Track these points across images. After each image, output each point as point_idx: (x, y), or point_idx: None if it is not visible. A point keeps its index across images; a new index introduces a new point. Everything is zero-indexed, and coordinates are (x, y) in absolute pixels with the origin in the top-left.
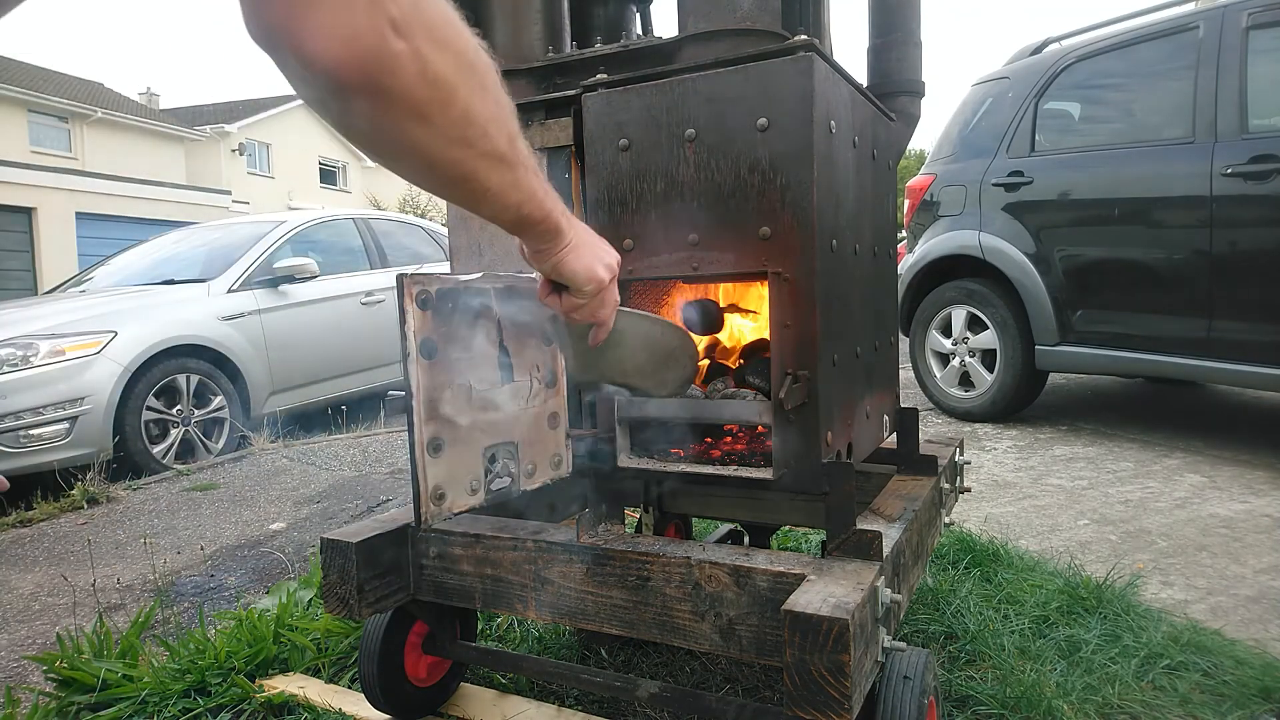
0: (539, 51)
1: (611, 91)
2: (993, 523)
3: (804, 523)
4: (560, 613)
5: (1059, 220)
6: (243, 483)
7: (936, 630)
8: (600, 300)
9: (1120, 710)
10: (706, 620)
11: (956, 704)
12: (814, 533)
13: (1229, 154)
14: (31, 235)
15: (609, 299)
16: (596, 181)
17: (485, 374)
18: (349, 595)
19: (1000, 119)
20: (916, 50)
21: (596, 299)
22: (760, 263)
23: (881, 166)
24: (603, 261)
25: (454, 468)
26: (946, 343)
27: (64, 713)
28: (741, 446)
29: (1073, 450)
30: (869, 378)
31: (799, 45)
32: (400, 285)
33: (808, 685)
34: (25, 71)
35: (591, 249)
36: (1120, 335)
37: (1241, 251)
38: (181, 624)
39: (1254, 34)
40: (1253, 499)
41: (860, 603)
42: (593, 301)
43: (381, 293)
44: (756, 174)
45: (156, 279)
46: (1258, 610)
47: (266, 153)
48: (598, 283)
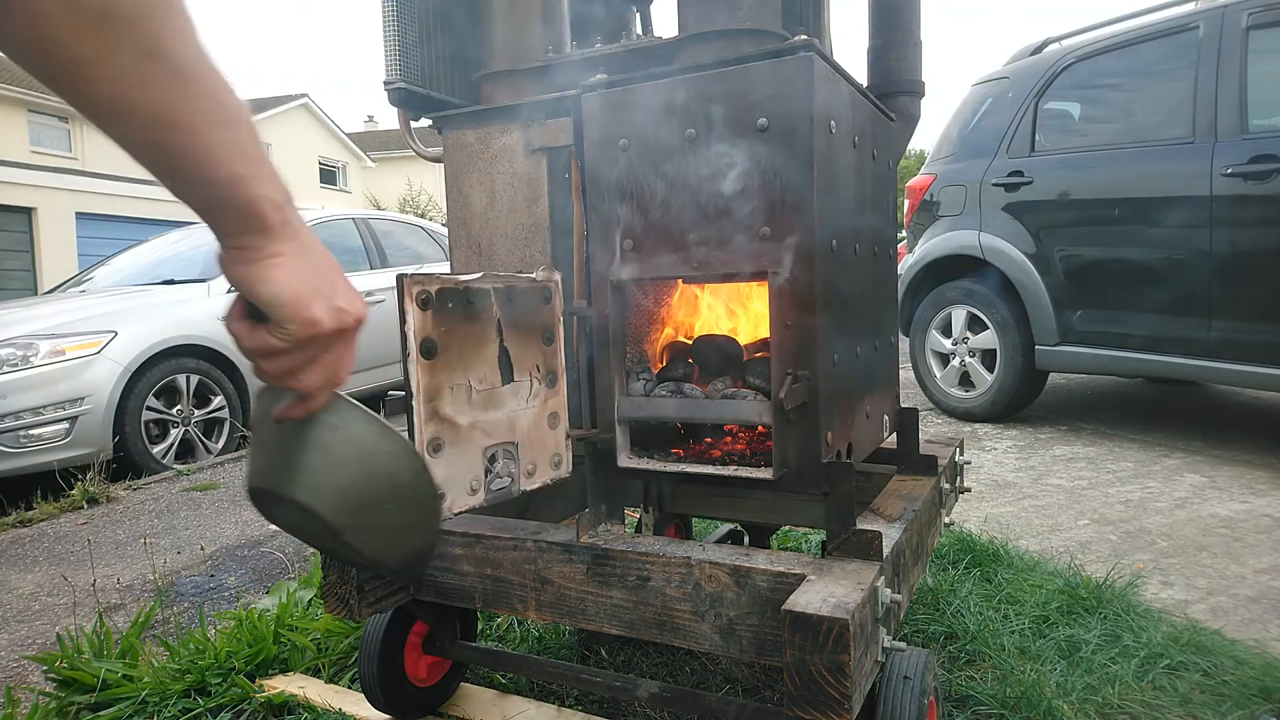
0: (539, 51)
1: (611, 91)
2: (993, 523)
3: (804, 523)
4: (560, 613)
5: (1059, 220)
6: (242, 483)
7: (936, 630)
8: (309, 357)
9: (1120, 710)
10: (706, 620)
11: (956, 704)
12: (814, 533)
13: (1229, 154)
14: (31, 235)
15: (326, 363)
16: (596, 181)
17: (485, 374)
18: (349, 595)
19: (1000, 119)
20: (916, 50)
21: (302, 352)
22: (760, 263)
23: (881, 166)
24: (325, 298)
25: (454, 468)
26: (946, 343)
27: (64, 713)
28: (741, 446)
29: (1073, 450)
30: (869, 378)
31: (799, 45)
32: (400, 285)
33: (808, 685)
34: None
35: (316, 274)
36: (1120, 335)
37: (1241, 251)
38: (181, 624)
39: (1254, 34)
40: (1253, 499)
41: (860, 603)
42: (296, 353)
43: (381, 293)
44: (756, 174)
45: (156, 279)
46: (1258, 610)
47: (266, 153)
48: (306, 323)
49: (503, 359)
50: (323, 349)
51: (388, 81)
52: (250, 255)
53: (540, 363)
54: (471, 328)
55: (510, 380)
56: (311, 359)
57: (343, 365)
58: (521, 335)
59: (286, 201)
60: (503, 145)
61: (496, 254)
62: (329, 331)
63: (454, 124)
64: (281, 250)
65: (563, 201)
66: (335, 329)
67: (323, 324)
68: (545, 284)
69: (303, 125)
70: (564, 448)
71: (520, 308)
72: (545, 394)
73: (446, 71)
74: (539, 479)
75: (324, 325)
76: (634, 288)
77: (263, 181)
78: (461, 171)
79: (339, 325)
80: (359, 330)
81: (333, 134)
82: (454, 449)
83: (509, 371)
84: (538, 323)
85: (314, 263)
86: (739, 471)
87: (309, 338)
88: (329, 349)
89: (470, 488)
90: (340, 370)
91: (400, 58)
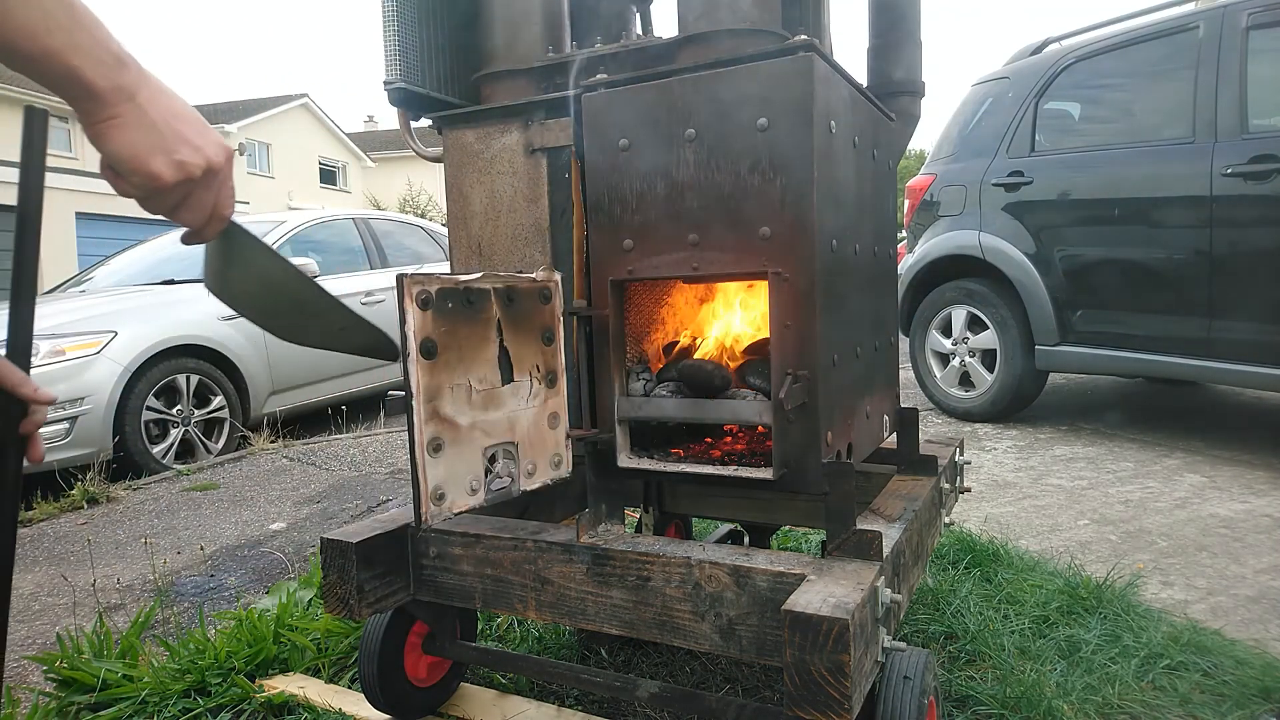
0: (539, 51)
1: (611, 91)
2: (993, 523)
3: (804, 523)
4: (560, 613)
5: (1059, 220)
6: (243, 483)
7: (936, 630)
8: (175, 199)
9: (1120, 710)
10: (706, 620)
11: (956, 704)
12: (814, 533)
13: (1229, 154)
14: None
15: (200, 201)
16: (596, 181)
17: (485, 374)
18: (349, 595)
19: (1000, 119)
20: (916, 50)
21: (165, 196)
22: (760, 263)
23: (881, 166)
24: (165, 153)
25: (454, 468)
26: (946, 343)
27: (64, 713)
28: (741, 446)
29: (1073, 450)
30: (869, 378)
31: (799, 45)
32: (400, 285)
33: (808, 685)
34: None
35: (154, 131)
36: (1120, 335)
37: (1241, 251)
38: (181, 624)
39: (1254, 34)
40: (1253, 499)
41: (860, 603)
42: (161, 197)
43: (381, 293)
44: (756, 174)
45: (156, 279)
46: (1258, 610)
47: (266, 153)
48: (148, 176)
49: (503, 359)
50: (181, 193)
51: (388, 81)
52: (89, 119)
53: (540, 363)
54: (471, 328)
55: (510, 380)
56: (176, 201)
57: (221, 202)
58: (521, 335)
59: (118, 65)
60: (503, 145)
61: (496, 254)
62: (171, 182)
63: (454, 124)
64: (116, 113)
65: (563, 201)
66: (180, 179)
67: (162, 177)
68: (545, 284)
69: (303, 125)
70: (564, 448)
71: (520, 308)
72: (545, 394)
73: (446, 71)
74: (539, 479)
75: (164, 178)
76: (634, 288)
77: (79, 51)
78: (461, 171)
79: (182, 176)
80: (222, 173)
81: (333, 134)
82: (454, 449)
83: (509, 371)
84: (538, 323)
85: (153, 120)
86: (739, 471)
87: (154, 189)
88: (191, 190)
89: (470, 488)
90: (221, 206)
91: (400, 58)
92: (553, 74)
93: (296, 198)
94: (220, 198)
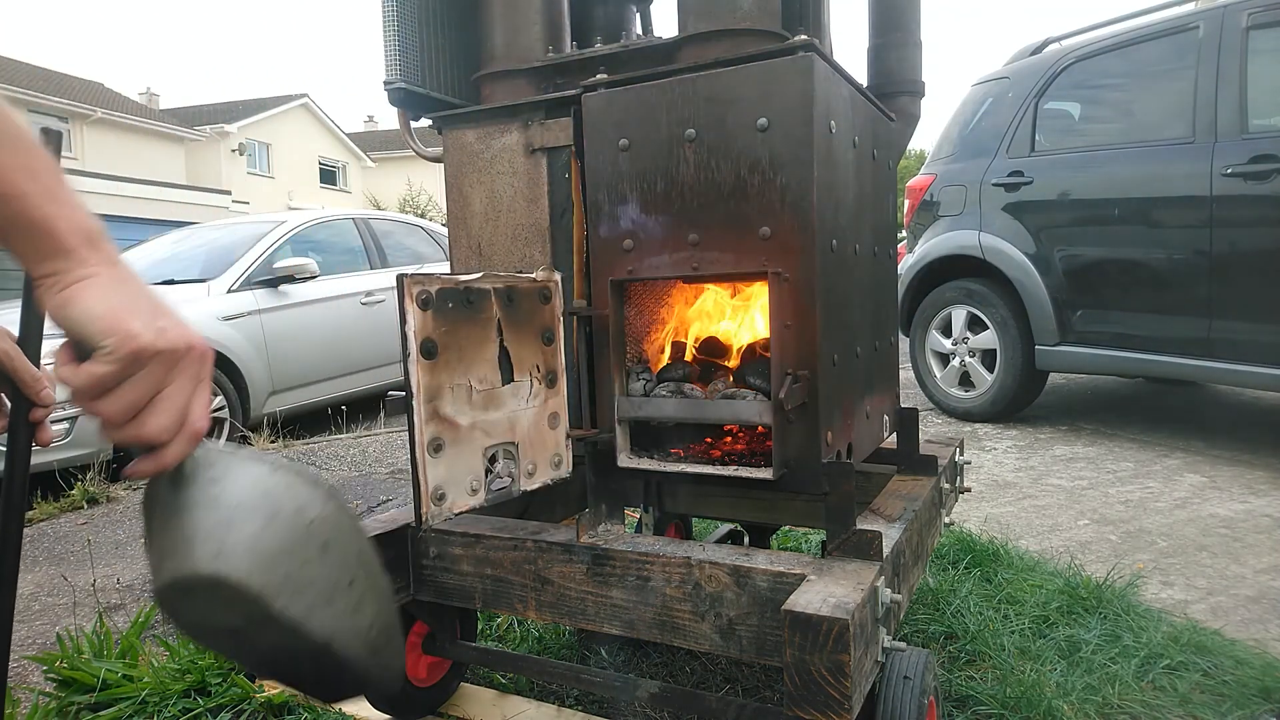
0: (539, 51)
1: (611, 91)
2: (993, 523)
3: (804, 523)
4: (560, 613)
5: (1059, 220)
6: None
7: (936, 630)
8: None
9: (1120, 710)
10: (706, 620)
11: (956, 704)
12: (814, 533)
13: (1229, 154)
14: None
15: (171, 400)
16: (596, 181)
17: (485, 374)
18: None
19: (1000, 119)
20: (916, 50)
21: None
22: (760, 263)
23: (881, 166)
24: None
25: (454, 468)
26: (946, 343)
27: (64, 713)
28: (741, 446)
29: (1073, 450)
30: (869, 378)
31: (799, 45)
32: (401, 285)
33: (808, 685)
34: (25, 71)
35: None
36: (1120, 335)
37: (1241, 251)
38: None
39: (1254, 34)
40: (1253, 499)
41: (860, 603)
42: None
43: (381, 293)
44: (756, 174)
45: (156, 279)
46: (1258, 610)
47: (266, 153)
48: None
49: (503, 359)
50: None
51: (388, 81)
52: (57, 282)
53: (540, 363)
54: (471, 328)
55: (510, 380)
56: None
57: (195, 409)
58: (521, 335)
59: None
60: (502, 145)
61: (496, 254)
62: (151, 348)
63: (454, 124)
64: (90, 272)
65: (563, 201)
66: (162, 348)
67: (142, 337)
68: (545, 284)
69: (303, 125)
70: (564, 448)
71: (520, 308)
72: (545, 394)
73: (446, 71)
74: (539, 479)
75: (144, 338)
76: (634, 287)
77: (56, 201)
78: (461, 171)
79: (165, 345)
80: (201, 368)
81: (333, 134)
82: (454, 449)
83: (509, 371)
84: (538, 323)
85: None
86: (739, 471)
87: (131, 355)
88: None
89: (470, 488)
90: (193, 412)
91: (400, 58)
92: (553, 74)
93: (296, 198)
94: (195, 401)
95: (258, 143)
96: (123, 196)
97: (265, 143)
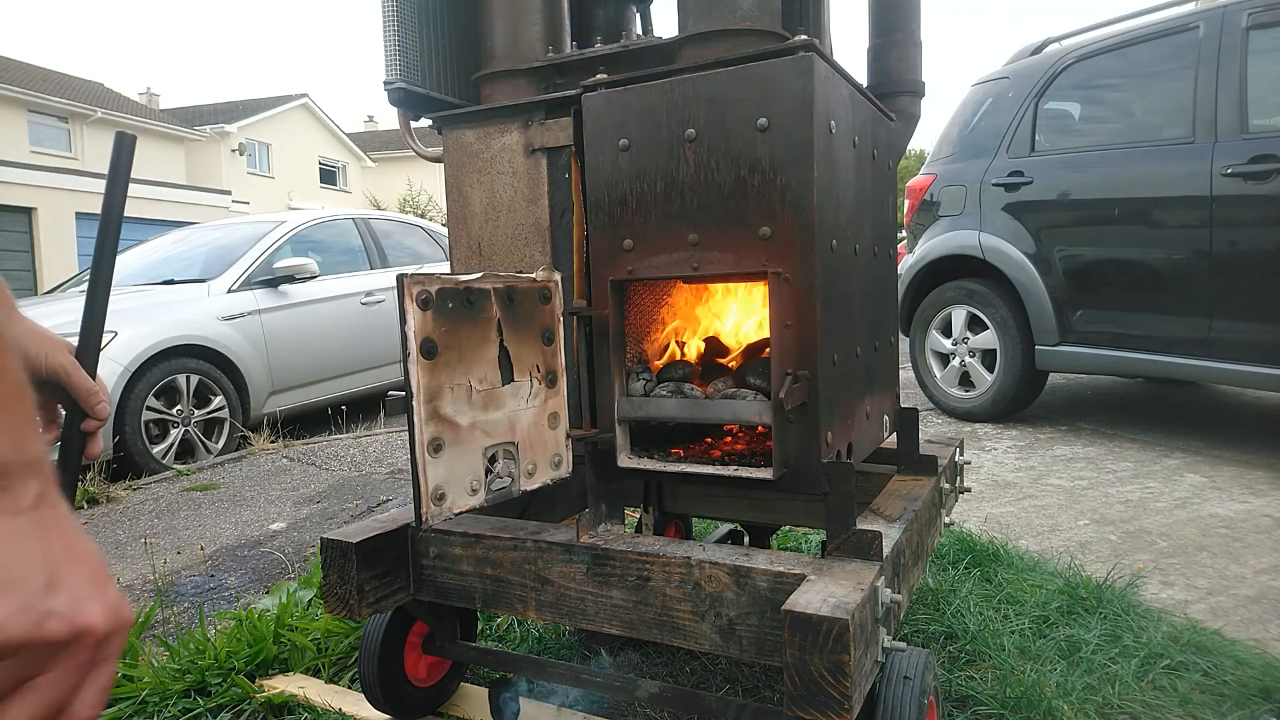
0: (539, 51)
1: (611, 91)
2: (993, 523)
3: (804, 523)
4: (560, 613)
5: (1059, 220)
6: (243, 483)
7: (936, 630)
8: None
9: (1120, 710)
10: (706, 620)
11: (956, 704)
12: (814, 533)
13: (1229, 154)
14: (31, 235)
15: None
16: (596, 181)
17: (485, 374)
18: (349, 595)
19: (1000, 119)
20: (916, 50)
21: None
22: (760, 263)
23: (881, 166)
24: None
25: (454, 468)
26: (946, 343)
27: None
28: (741, 446)
29: (1073, 450)
30: (869, 378)
31: (799, 45)
32: (400, 285)
33: (808, 685)
34: (25, 71)
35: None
36: (1120, 335)
37: (1241, 251)
38: (181, 624)
39: (1254, 34)
40: (1253, 499)
41: (860, 603)
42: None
43: (381, 293)
44: (756, 174)
45: (156, 279)
46: (1258, 610)
47: (266, 153)
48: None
49: (503, 359)
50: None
51: (387, 81)
52: None
53: (540, 363)
54: (471, 328)
55: (510, 380)
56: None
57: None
58: (521, 335)
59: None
60: (502, 145)
61: (496, 254)
62: (14, 642)
63: (454, 124)
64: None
65: (563, 201)
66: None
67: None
68: (545, 284)
69: (303, 125)
70: (564, 448)
71: (520, 308)
72: (545, 394)
73: (446, 71)
74: (539, 479)
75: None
76: (634, 287)
77: None
78: (461, 171)
79: (36, 637)
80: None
81: (333, 134)
82: (454, 449)
83: (509, 371)
84: (538, 323)
85: (27, 549)
86: (739, 471)
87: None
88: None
89: (470, 488)
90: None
91: (400, 57)
92: (553, 74)
93: (296, 198)
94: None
95: (258, 143)
96: None
97: (265, 143)
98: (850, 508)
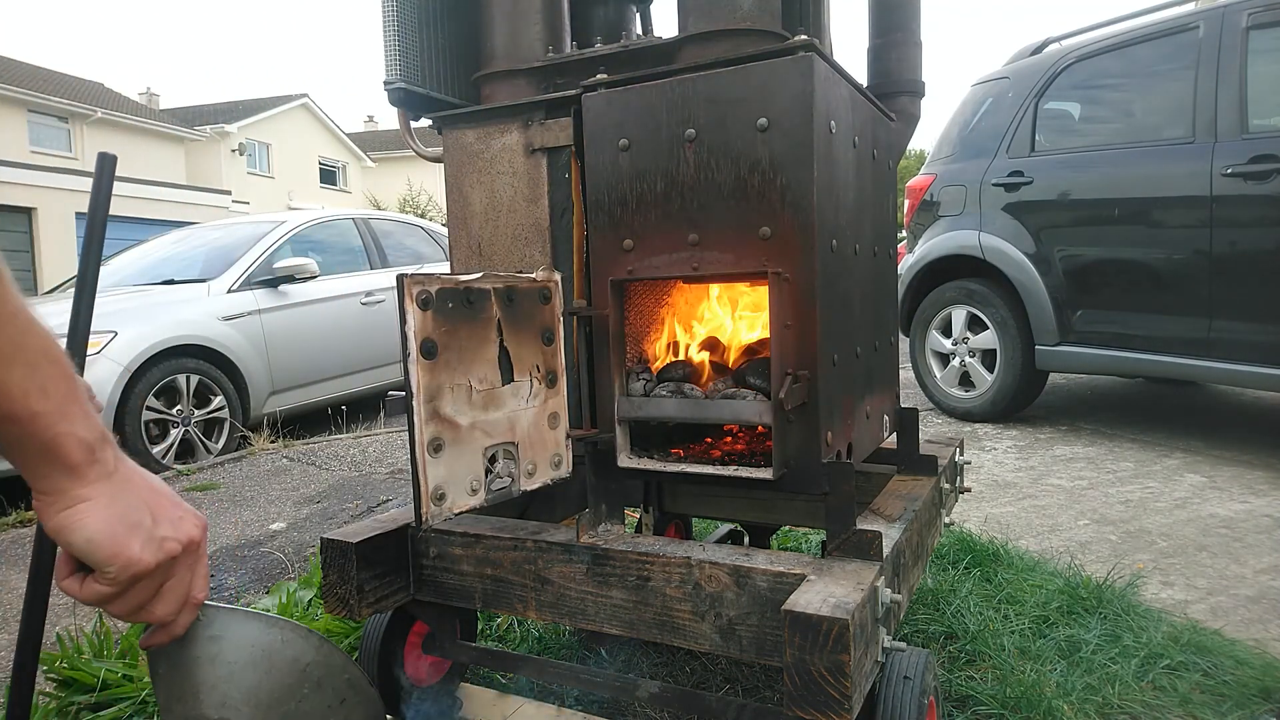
0: (539, 51)
1: (611, 91)
2: (993, 523)
3: (804, 523)
4: (560, 613)
5: (1059, 220)
6: (243, 483)
7: (936, 630)
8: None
9: (1120, 710)
10: (706, 620)
11: (956, 704)
12: (814, 533)
13: (1229, 154)
14: (31, 235)
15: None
16: (596, 181)
17: (485, 374)
18: (349, 595)
19: (1000, 119)
20: (916, 50)
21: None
22: (760, 263)
23: (881, 166)
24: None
25: (454, 468)
26: (946, 343)
27: (64, 713)
28: (741, 446)
29: (1073, 450)
30: (869, 378)
31: (799, 45)
32: (401, 285)
33: (808, 685)
34: (25, 71)
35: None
36: (1120, 335)
37: (1241, 251)
38: None
39: (1254, 34)
40: (1253, 499)
41: (860, 603)
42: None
43: (381, 293)
44: (756, 174)
45: (156, 279)
46: (1258, 610)
47: (266, 153)
48: (126, 563)
49: (503, 359)
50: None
51: (387, 81)
52: (58, 501)
53: (540, 363)
54: (472, 328)
55: (510, 380)
56: (154, 590)
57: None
58: (521, 335)
59: (100, 441)
60: (502, 145)
61: (496, 254)
62: (152, 566)
63: (454, 124)
64: (90, 494)
65: (563, 201)
66: (161, 560)
67: (143, 561)
68: (545, 284)
69: (303, 125)
70: (564, 448)
71: (520, 308)
72: (545, 394)
73: (446, 71)
74: (539, 479)
75: (145, 562)
76: (634, 287)
77: (68, 418)
78: (461, 171)
79: (164, 556)
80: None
81: (333, 134)
82: (454, 449)
83: (509, 371)
84: (538, 323)
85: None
86: (739, 471)
87: (133, 578)
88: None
89: (470, 488)
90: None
91: (400, 57)
92: (553, 74)
93: (296, 198)
94: (195, 578)
95: (258, 143)
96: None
97: (265, 143)
98: (850, 508)
